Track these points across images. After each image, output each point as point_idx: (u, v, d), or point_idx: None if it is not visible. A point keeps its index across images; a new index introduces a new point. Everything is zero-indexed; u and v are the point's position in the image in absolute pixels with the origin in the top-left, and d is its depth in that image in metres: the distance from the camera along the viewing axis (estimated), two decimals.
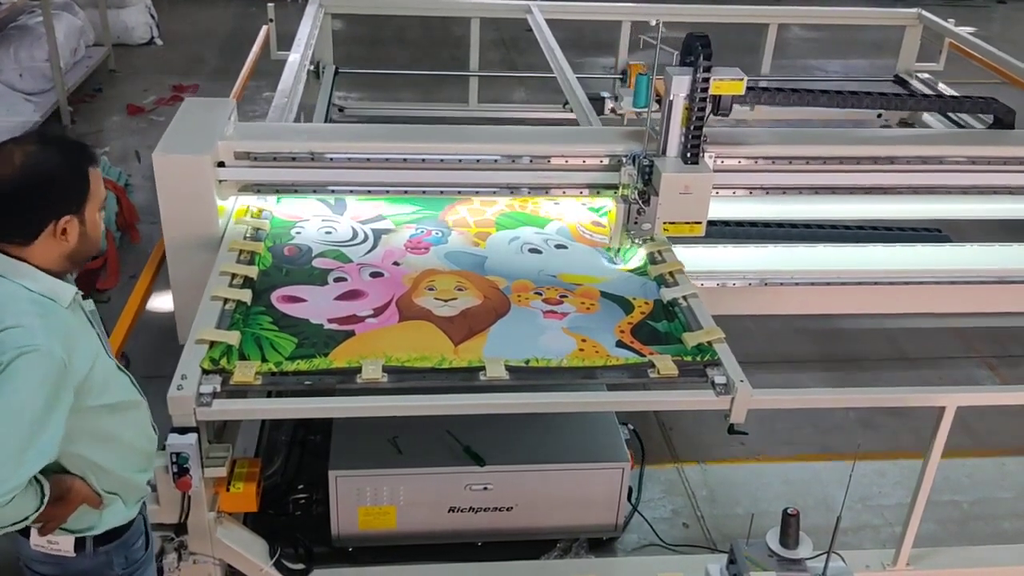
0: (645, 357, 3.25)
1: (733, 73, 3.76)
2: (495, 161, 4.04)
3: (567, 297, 3.61)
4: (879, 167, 4.21)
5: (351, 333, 3.31)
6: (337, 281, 3.65)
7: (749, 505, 4.18)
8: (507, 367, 3.14)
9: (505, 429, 3.72)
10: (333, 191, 4.08)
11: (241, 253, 3.71)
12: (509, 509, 3.72)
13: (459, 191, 4.14)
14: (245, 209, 4.03)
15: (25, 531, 2.41)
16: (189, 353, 3.08)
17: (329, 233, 4.00)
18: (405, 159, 3.98)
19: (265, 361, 3.11)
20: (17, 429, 2.12)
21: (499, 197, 4.22)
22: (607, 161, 4.04)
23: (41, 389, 2.14)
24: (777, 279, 4.10)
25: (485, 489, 3.67)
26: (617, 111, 6.30)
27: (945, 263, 4.28)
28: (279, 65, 5.76)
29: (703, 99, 3.75)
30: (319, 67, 7.10)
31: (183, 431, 2.91)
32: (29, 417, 2.13)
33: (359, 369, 3.09)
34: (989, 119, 4.89)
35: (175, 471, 2.91)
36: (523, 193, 4.14)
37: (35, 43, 7.84)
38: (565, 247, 4.02)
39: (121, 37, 9.67)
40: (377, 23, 10.26)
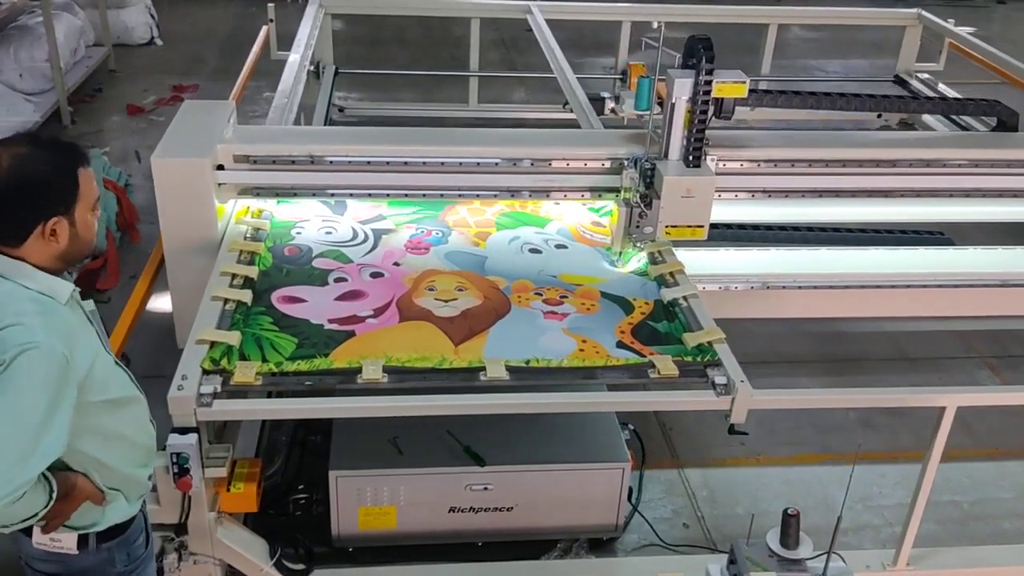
0: (645, 357, 3.25)
1: (735, 76, 3.74)
2: (496, 164, 4.03)
3: (567, 298, 3.61)
4: (881, 170, 4.20)
5: (351, 333, 3.31)
6: (337, 281, 3.66)
7: (749, 505, 4.18)
8: (507, 367, 3.14)
9: (505, 429, 3.72)
10: (333, 194, 4.07)
11: (241, 253, 3.71)
12: (509, 509, 3.72)
13: (459, 194, 4.12)
14: (245, 209, 4.03)
15: (27, 529, 2.41)
16: (189, 353, 3.08)
17: (329, 233, 4.00)
18: (405, 162, 3.97)
19: (265, 361, 3.12)
20: (24, 426, 2.12)
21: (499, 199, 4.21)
22: (608, 164, 4.03)
23: (45, 386, 2.15)
24: (779, 282, 4.10)
25: (485, 489, 3.67)
26: (618, 112, 6.31)
27: (947, 266, 4.27)
28: (279, 65, 5.77)
29: (705, 102, 3.73)
30: (319, 67, 7.11)
31: (183, 431, 2.91)
32: (35, 414, 2.13)
33: (359, 369, 3.09)
34: (992, 121, 4.89)
35: (175, 471, 2.91)
36: (524, 196, 4.13)
37: (35, 43, 7.84)
38: (565, 247, 4.02)
39: (121, 37, 9.67)
40: (377, 23, 10.26)
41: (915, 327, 5.29)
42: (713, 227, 3.94)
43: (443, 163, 3.99)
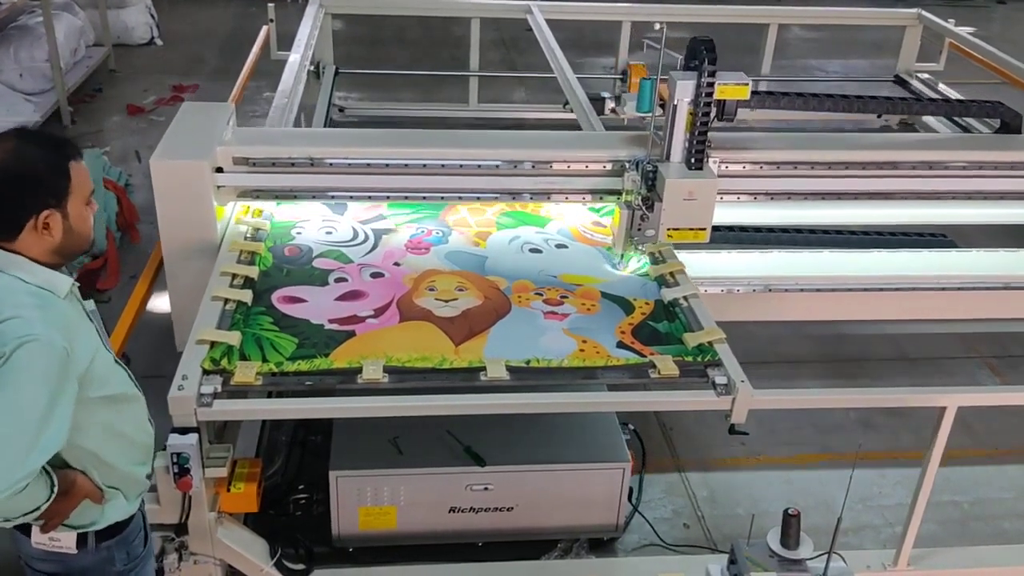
0: (646, 357, 3.25)
1: (738, 78, 3.71)
2: (496, 166, 4.02)
3: (568, 298, 3.61)
4: (884, 172, 4.19)
5: (352, 333, 3.31)
6: (338, 281, 3.65)
7: (750, 505, 4.18)
8: (508, 367, 3.14)
9: (506, 429, 3.72)
10: (333, 197, 4.06)
11: (241, 253, 3.71)
12: (510, 509, 3.72)
13: (460, 197, 4.11)
14: (246, 209, 4.03)
15: (26, 529, 2.42)
16: (190, 353, 3.08)
17: (330, 233, 4.00)
18: (406, 164, 3.96)
19: (266, 361, 3.11)
20: (25, 419, 2.13)
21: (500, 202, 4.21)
22: (610, 166, 4.02)
23: (45, 378, 2.15)
24: (781, 285, 4.08)
25: (486, 489, 3.67)
26: (619, 114, 6.29)
27: (950, 269, 4.25)
28: (279, 65, 5.77)
29: (707, 104, 3.71)
30: (319, 67, 7.11)
31: (184, 431, 2.91)
32: (35, 406, 2.14)
33: (360, 369, 3.09)
34: (994, 123, 4.87)
35: (176, 471, 2.91)
36: (525, 199, 4.11)
37: (35, 43, 7.84)
38: (566, 247, 4.02)
39: (121, 37, 9.67)
40: (377, 23, 10.26)
41: (917, 329, 5.27)
42: (715, 229, 3.93)
43: (443, 165, 3.98)
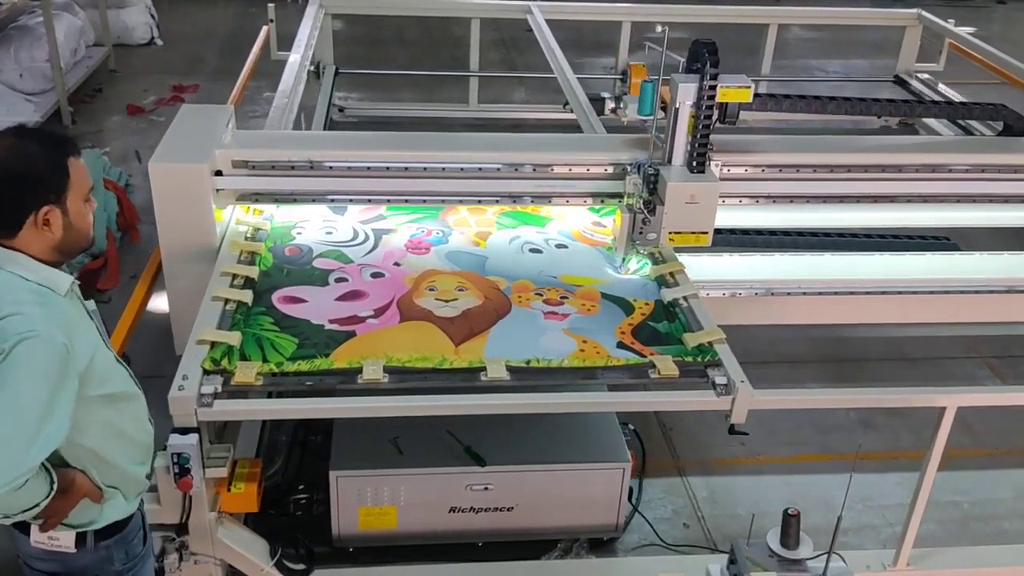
0: (646, 358, 3.25)
1: (740, 80, 3.69)
2: (497, 169, 4.01)
3: (568, 298, 3.61)
4: (887, 175, 4.18)
5: (352, 334, 3.31)
6: (338, 281, 3.66)
7: (750, 505, 4.18)
8: (508, 368, 3.14)
9: (506, 429, 3.72)
10: (333, 200, 4.04)
11: (242, 253, 3.71)
12: (510, 509, 3.72)
13: (460, 200, 4.11)
14: (246, 208, 4.02)
15: (25, 528, 2.42)
16: (190, 354, 3.08)
17: (330, 233, 4.00)
18: (406, 167, 3.95)
19: (266, 362, 3.12)
20: (25, 415, 2.13)
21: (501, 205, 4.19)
22: (611, 170, 4.01)
23: (45, 374, 2.16)
24: (784, 288, 4.06)
25: (486, 489, 3.67)
26: (621, 117, 6.27)
27: (953, 272, 4.22)
28: (279, 65, 5.77)
29: (710, 107, 3.70)
30: (319, 67, 7.12)
31: (184, 431, 2.91)
32: (35, 402, 2.14)
33: (360, 370, 3.09)
34: (997, 125, 4.86)
35: (176, 471, 2.91)
36: (526, 202, 4.09)
37: (35, 43, 7.84)
38: (566, 246, 4.02)
39: (121, 37, 9.67)
40: (377, 23, 10.26)
41: (920, 332, 5.26)
42: (717, 232, 3.90)
43: (444, 168, 3.98)
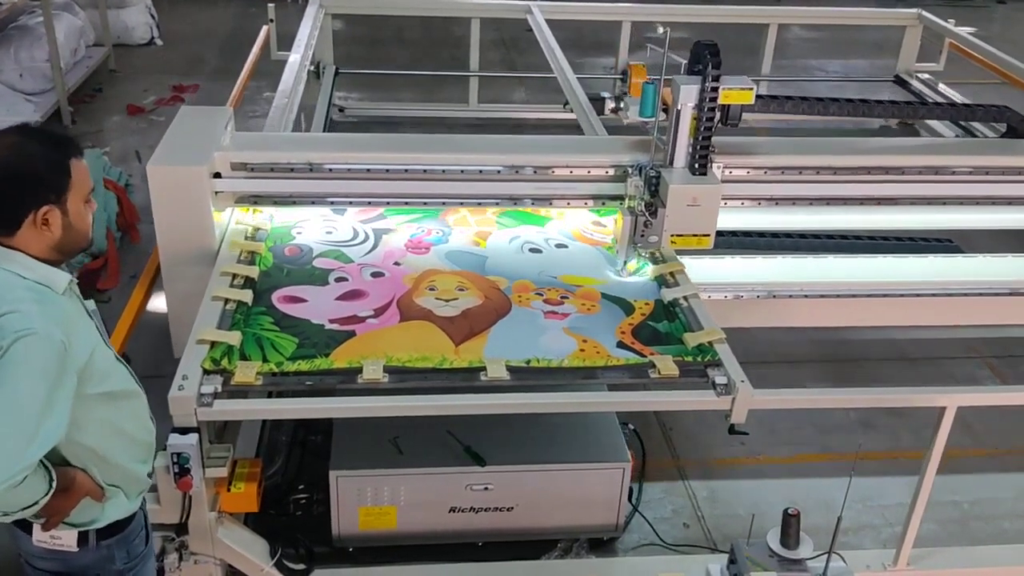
0: (646, 357, 3.25)
1: (742, 82, 3.67)
2: (498, 172, 4.00)
3: (568, 298, 3.61)
4: (890, 177, 4.16)
5: (352, 333, 3.31)
6: (338, 281, 3.66)
7: (750, 505, 4.18)
8: (508, 367, 3.14)
9: (506, 429, 3.72)
10: (332, 203, 4.03)
11: (242, 253, 3.71)
12: (510, 509, 3.72)
13: (461, 202, 4.09)
14: (245, 210, 4.01)
15: (27, 527, 2.42)
16: (190, 353, 3.08)
17: (330, 233, 4.00)
18: (406, 169, 3.94)
19: (266, 361, 3.12)
20: (23, 412, 2.13)
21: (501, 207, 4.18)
22: (612, 172, 4.00)
23: (43, 372, 2.16)
24: (786, 291, 4.04)
25: (486, 489, 3.67)
26: (623, 120, 6.26)
27: (956, 274, 4.21)
28: (279, 65, 5.77)
29: (712, 109, 3.68)
30: (319, 67, 7.12)
31: (184, 431, 2.91)
32: (34, 399, 2.14)
33: (360, 369, 3.09)
34: (1000, 126, 4.85)
35: (176, 471, 2.91)
36: (526, 204, 4.08)
37: (35, 43, 7.84)
38: (566, 246, 4.02)
39: (121, 37, 9.67)
40: (377, 23, 10.26)
41: (922, 335, 5.26)
42: (719, 234, 3.89)
43: (444, 171, 3.96)
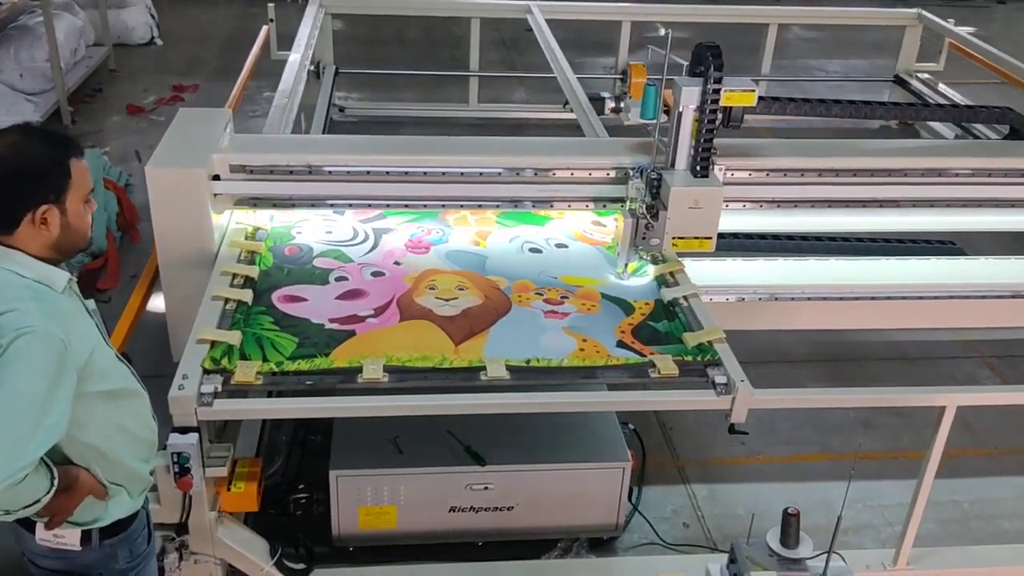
0: (646, 357, 3.25)
1: (744, 84, 3.66)
2: (498, 174, 3.98)
3: (568, 298, 3.62)
4: (892, 179, 4.16)
5: (352, 333, 3.31)
6: (338, 280, 3.66)
7: (749, 505, 4.18)
8: (508, 367, 3.14)
9: (506, 429, 3.72)
10: (332, 205, 4.02)
11: (242, 253, 3.71)
12: (510, 509, 3.72)
13: (461, 205, 4.08)
14: (246, 210, 4.01)
15: (30, 525, 2.43)
16: (190, 353, 3.08)
17: (330, 233, 4.00)
18: (406, 172, 3.93)
19: (266, 361, 3.12)
20: (23, 410, 2.13)
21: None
22: (613, 174, 3.99)
23: (43, 369, 2.16)
24: (788, 294, 4.03)
25: (486, 489, 3.67)
26: (624, 121, 6.26)
27: (958, 277, 4.19)
28: (279, 65, 5.77)
29: (713, 111, 3.67)
30: (319, 67, 7.12)
31: (184, 431, 2.91)
32: (34, 397, 2.14)
33: (360, 369, 3.09)
34: (1002, 128, 4.84)
35: (176, 471, 2.91)
36: (527, 206, 4.07)
37: (35, 43, 7.84)
38: (566, 246, 4.02)
39: (121, 37, 9.67)
40: (377, 23, 10.26)
41: (922, 335, 5.25)
42: (721, 237, 3.88)
43: (444, 173, 3.95)
